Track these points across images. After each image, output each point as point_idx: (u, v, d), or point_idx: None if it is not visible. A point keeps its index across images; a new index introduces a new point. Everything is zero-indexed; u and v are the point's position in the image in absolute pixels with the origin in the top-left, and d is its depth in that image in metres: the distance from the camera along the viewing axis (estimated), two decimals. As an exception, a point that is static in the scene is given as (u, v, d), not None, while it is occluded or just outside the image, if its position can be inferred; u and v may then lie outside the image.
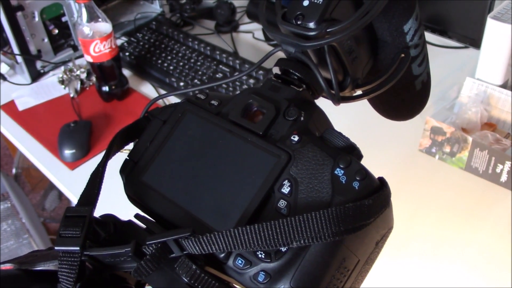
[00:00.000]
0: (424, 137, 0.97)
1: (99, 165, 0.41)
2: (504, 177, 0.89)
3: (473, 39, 1.09)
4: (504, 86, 1.02)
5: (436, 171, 0.95)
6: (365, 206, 0.34)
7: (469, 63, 1.11)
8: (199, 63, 1.21)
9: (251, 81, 1.13)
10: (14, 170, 2.13)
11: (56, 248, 0.36)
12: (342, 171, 0.36)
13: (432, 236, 0.83)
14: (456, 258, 0.80)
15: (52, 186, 2.02)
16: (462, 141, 0.92)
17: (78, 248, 0.35)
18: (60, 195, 2.08)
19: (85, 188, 0.40)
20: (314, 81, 0.42)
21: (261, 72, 1.13)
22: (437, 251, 0.81)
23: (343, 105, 0.45)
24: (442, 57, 1.21)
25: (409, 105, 0.53)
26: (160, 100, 1.12)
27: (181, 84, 1.16)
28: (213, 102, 0.43)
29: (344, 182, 0.35)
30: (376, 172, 0.37)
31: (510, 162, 0.87)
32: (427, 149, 0.98)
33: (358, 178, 0.35)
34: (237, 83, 1.14)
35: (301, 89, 0.42)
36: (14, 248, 1.77)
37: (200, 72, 1.18)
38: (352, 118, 0.91)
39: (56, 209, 2.10)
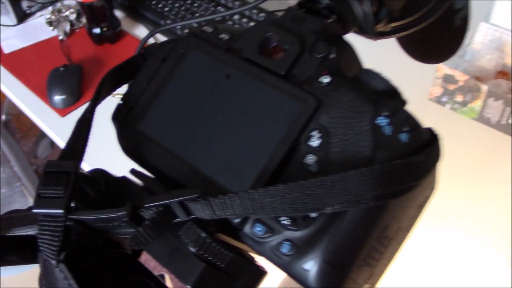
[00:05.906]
0: (435, 85, 0.92)
1: (86, 111, 0.35)
2: (518, 128, 0.85)
3: (489, -19, 1.02)
4: (521, 31, 0.96)
5: (447, 122, 0.91)
6: (415, 164, 0.28)
7: (483, 7, 1.05)
8: (196, 4, 1.13)
9: (252, 23, 1.06)
10: (3, 117, 2.07)
11: (34, 211, 0.30)
12: (387, 120, 0.29)
13: (442, 189, 0.79)
14: (467, 210, 0.77)
15: (43, 133, 1.97)
16: (475, 90, 0.87)
17: (61, 210, 0.29)
18: (53, 142, 2.03)
19: (69, 139, 0.34)
20: (346, 10, 0.35)
21: (262, 14, 1.06)
22: (447, 203, 0.78)
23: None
24: (454, 0, 1.14)
25: (445, 44, 0.46)
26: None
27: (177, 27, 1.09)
28: (222, 36, 0.36)
29: (389, 133, 0.29)
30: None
31: (526, 113, 0.82)
32: (438, 98, 0.93)
33: (406, 129, 0.29)
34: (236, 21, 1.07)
35: (330, 20, 0.35)
36: (7, 196, 1.74)
37: (197, 14, 1.11)
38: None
39: (49, 156, 2.06)
